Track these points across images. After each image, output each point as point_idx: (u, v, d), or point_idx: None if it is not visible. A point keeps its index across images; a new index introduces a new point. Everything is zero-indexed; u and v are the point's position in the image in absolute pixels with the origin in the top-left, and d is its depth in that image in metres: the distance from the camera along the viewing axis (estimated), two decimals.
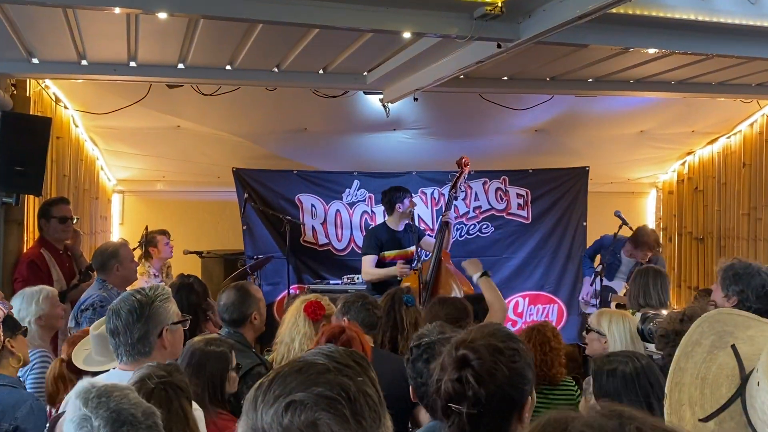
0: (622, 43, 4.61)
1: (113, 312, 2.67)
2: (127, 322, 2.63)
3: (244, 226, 7.55)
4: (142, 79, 5.64)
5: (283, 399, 1.16)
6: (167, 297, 2.76)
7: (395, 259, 6.35)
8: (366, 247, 6.47)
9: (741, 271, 3.49)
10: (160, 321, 2.69)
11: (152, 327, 2.66)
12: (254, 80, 5.81)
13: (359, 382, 1.21)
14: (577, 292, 8.11)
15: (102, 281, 4.73)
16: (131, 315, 2.62)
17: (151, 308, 2.67)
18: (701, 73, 5.94)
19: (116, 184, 8.14)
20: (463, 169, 6.37)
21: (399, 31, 4.06)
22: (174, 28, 4.57)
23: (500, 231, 8.04)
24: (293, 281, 7.44)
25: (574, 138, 8.09)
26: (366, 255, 6.38)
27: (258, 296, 3.93)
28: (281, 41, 4.98)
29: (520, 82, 6.12)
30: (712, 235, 8.42)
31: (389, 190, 6.52)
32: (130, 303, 2.66)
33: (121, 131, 7.02)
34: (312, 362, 1.23)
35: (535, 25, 3.91)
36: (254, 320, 3.84)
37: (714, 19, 4.24)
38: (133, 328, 2.62)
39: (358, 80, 5.95)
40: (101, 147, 7.37)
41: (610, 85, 6.23)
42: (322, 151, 7.80)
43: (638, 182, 9.23)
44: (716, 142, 8.33)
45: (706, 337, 1.54)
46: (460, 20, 3.96)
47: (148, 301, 2.68)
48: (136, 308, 2.64)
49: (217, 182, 7.90)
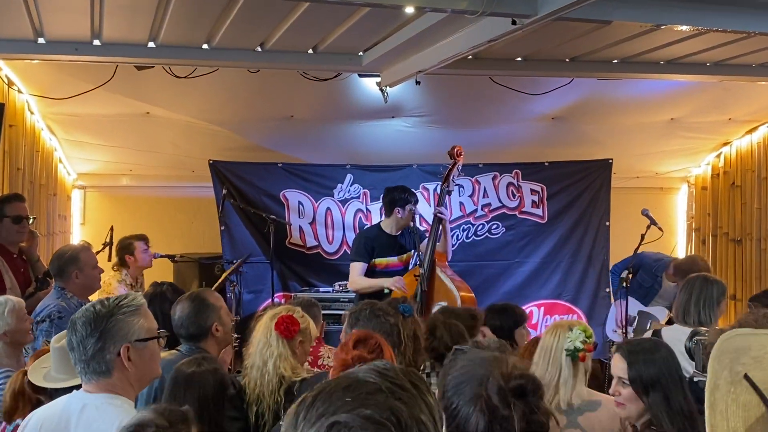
0: (653, 19, 4.57)
1: (71, 324, 2.63)
2: (81, 336, 2.55)
3: (222, 227, 7.54)
4: (108, 59, 5.61)
5: (326, 419, 1.16)
6: (134, 309, 2.64)
7: (388, 267, 6.33)
8: (355, 253, 6.44)
9: None
10: (119, 337, 2.59)
11: (109, 343, 2.56)
12: (235, 61, 5.79)
13: (414, 407, 1.20)
14: (599, 302, 8.13)
15: (60, 289, 4.71)
16: (85, 328, 2.55)
17: (108, 321, 2.57)
18: (740, 54, 5.93)
19: (77, 178, 8.11)
20: (457, 160, 6.40)
21: (400, 6, 4.04)
22: (144, 1, 4.56)
23: (512, 232, 8.05)
24: (278, 288, 7.45)
25: (596, 126, 8.10)
26: (355, 262, 6.35)
27: (218, 304, 3.88)
28: (266, 16, 4.97)
29: (535, 64, 6.11)
30: (751, 237, 8.43)
31: (394, 189, 6.47)
32: (86, 314, 2.59)
33: (82, 119, 7.00)
34: (362, 380, 1.22)
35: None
36: (216, 332, 3.80)
37: None
38: (86, 343, 2.53)
39: (352, 61, 5.94)
40: (60, 136, 7.34)
41: (638, 67, 6.23)
42: (310, 141, 7.80)
43: (667, 177, 9.25)
44: (756, 131, 8.35)
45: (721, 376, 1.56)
46: None
47: (107, 312, 2.58)
48: (92, 320, 2.57)
49: (191, 176, 7.89)
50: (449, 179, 6.42)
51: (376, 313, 3.56)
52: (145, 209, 8.14)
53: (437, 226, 6.29)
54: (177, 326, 3.82)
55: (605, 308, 8.16)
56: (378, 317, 3.54)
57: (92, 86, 6.21)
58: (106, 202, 8.16)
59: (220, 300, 3.96)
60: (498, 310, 4.91)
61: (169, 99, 6.83)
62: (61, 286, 4.71)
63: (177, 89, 6.54)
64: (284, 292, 7.63)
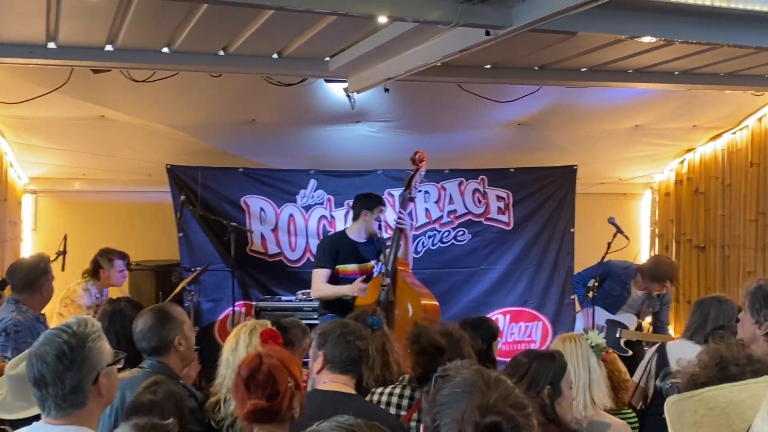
0: (618, 30, 4.61)
1: (37, 357, 2.51)
2: (56, 370, 2.48)
3: (180, 233, 7.43)
4: (63, 63, 5.48)
5: None
6: (99, 334, 2.61)
7: (352, 275, 6.27)
8: (319, 259, 6.36)
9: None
10: (95, 365, 2.55)
11: (86, 373, 2.51)
12: (196, 65, 5.70)
13: None
14: (564, 309, 8.19)
15: (15, 302, 4.59)
16: (60, 361, 2.47)
17: (83, 351, 2.53)
18: (708, 63, 6.01)
19: (28, 182, 7.90)
20: (419, 166, 6.37)
21: (372, 15, 4.00)
22: (104, 4, 4.44)
23: (478, 239, 8.07)
24: (238, 297, 7.35)
25: (562, 133, 8.15)
26: (319, 268, 6.27)
27: (181, 318, 3.78)
28: (230, 21, 4.88)
29: (505, 71, 6.12)
30: (715, 243, 8.55)
31: (365, 197, 6.43)
32: (56, 346, 2.50)
33: (34, 122, 6.82)
34: None
35: (531, 11, 3.89)
36: (178, 346, 3.69)
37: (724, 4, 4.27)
38: (65, 377, 2.47)
39: (319, 66, 5.87)
40: (10, 140, 7.14)
41: (606, 76, 6.28)
42: (273, 145, 7.69)
43: (631, 183, 9.34)
44: (720, 138, 8.46)
45: None
46: (444, 3, 3.92)
47: (79, 342, 2.51)
48: (66, 352, 2.49)
49: (147, 181, 7.75)
50: (411, 186, 6.39)
51: (345, 338, 3.48)
52: (99, 215, 7.95)
53: (398, 234, 6.26)
54: (138, 339, 3.72)
55: (571, 315, 8.23)
56: (348, 343, 3.47)
57: (46, 90, 6.05)
58: (59, 207, 7.95)
59: (183, 315, 3.87)
60: (474, 323, 4.91)
61: (126, 102, 6.69)
62: (17, 299, 4.61)
63: (134, 92, 6.40)
64: (245, 301, 7.54)
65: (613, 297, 6.83)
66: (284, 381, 2.72)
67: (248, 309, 7.48)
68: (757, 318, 3.52)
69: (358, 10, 3.91)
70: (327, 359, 3.46)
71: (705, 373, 2.39)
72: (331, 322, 3.73)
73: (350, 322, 3.71)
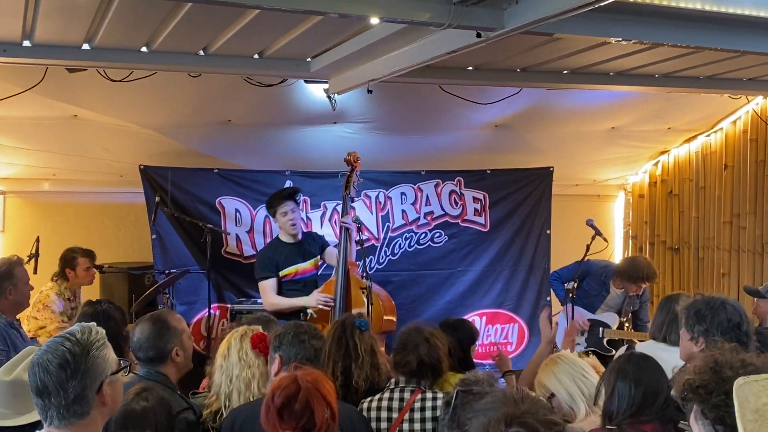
0: (599, 33, 4.58)
1: (40, 366, 2.47)
2: (59, 379, 2.44)
3: (154, 235, 7.31)
4: (39, 62, 5.36)
5: None
6: (103, 342, 2.57)
7: (297, 275, 6.31)
8: (260, 271, 6.37)
9: (703, 309, 3.61)
10: (98, 374, 2.52)
11: (90, 382, 2.48)
12: (175, 65, 5.59)
13: None
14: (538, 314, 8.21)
15: None
16: (63, 370, 2.43)
17: (87, 360, 2.49)
18: (688, 67, 6.07)
19: None
20: (354, 166, 6.47)
21: (364, 16, 3.96)
22: (85, 3, 4.34)
23: (455, 240, 8.07)
24: (213, 299, 7.25)
25: (538, 135, 8.19)
26: (264, 280, 6.29)
27: (179, 327, 3.77)
28: (213, 20, 4.81)
29: (487, 73, 6.11)
30: (689, 245, 8.67)
31: (267, 203, 6.55)
32: (60, 354, 2.47)
33: (4, 122, 6.67)
34: None
35: (524, 13, 3.88)
36: (176, 357, 3.69)
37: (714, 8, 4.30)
38: (68, 386, 2.44)
39: (300, 67, 5.81)
40: None
41: (588, 78, 6.30)
42: (248, 146, 7.62)
43: (605, 184, 9.43)
44: (694, 140, 8.58)
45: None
46: (436, 5, 3.89)
47: (83, 350, 2.48)
48: (70, 361, 2.46)
49: (120, 182, 7.62)
50: (350, 186, 6.46)
51: (299, 338, 3.47)
52: (69, 215, 7.83)
53: (345, 235, 6.29)
54: (135, 349, 3.71)
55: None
56: (302, 342, 3.46)
57: (20, 89, 5.93)
58: (28, 208, 7.79)
59: (182, 322, 3.84)
60: (453, 325, 4.92)
61: (101, 102, 6.57)
62: None
63: (108, 92, 6.29)
64: (219, 303, 7.45)
65: (591, 296, 6.89)
66: (321, 412, 2.60)
67: (223, 312, 7.40)
68: (692, 334, 3.60)
69: (350, 10, 3.86)
70: (283, 360, 3.44)
71: (700, 377, 2.45)
72: (286, 325, 3.70)
73: (304, 323, 3.69)
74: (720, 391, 2.16)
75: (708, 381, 2.42)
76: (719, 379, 2.32)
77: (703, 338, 3.55)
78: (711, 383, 2.40)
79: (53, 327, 5.97)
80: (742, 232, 7.92)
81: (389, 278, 7.63)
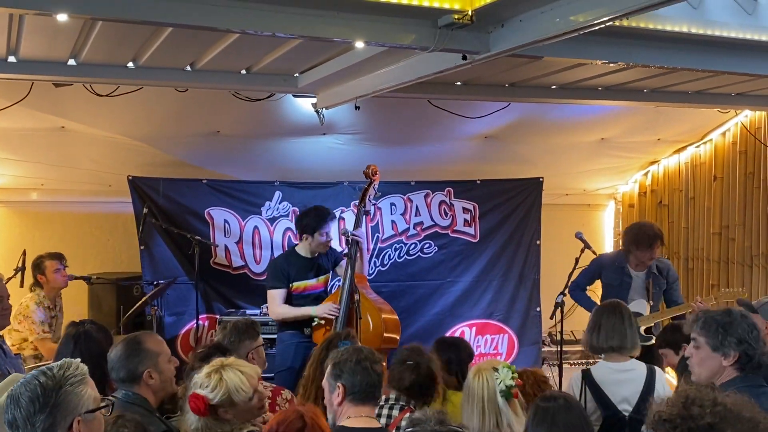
0: (585, 55, 4.62)
1: (12, 399, 2.48)
2: (28, 412, 2.43)
3: (142, 246, 7.29)
4: (24, 77, 5.37)
5: None
6: (81, 378, 2.55)
7: (306, 290, 6.25)
8: (272, 280, 6.29)
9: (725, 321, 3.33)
10: (70, 410, 2.50)
11: (60, 418, 2.46)
12: (162, 80, 5.61)
13: None
14: (529, 321, 8.23)
15: None
16: (33, 404, 2.43)
17: (58, 395, 2.48)
18: (677, 82, 6.09)
19: None
20: (372, 179, 6.40)
21: (347, 40, 3.96)
22: (68, 24, 4.32)
23: (444, 251, 8.06)
24: (202, 310, 7.24)
25: (528, 145, 8.19)
26: (273, 289, 6.21)
27: (155, 350, 3.64)
28: (198, 39, 4.80)
29: (475, 88, 6.12)
30: (679, 256, 8.68)
31: (305, 214, 6.33)
32: (32, 389, 2.47)
33: None
34: None
35: (509, 37, 3.89)
36: (149, 380, 3.57)
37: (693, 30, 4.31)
38: (35, 420, 2.43)
39: (287, 82, 5.82)
40: None
41: (576, 93, 6.32)
42: (237, 157, 7.61)
43: (595, 194, 9.44)
44: (684, 151, 8.59)
45: None
46: (421, 28, 3.90)
47: (55, 385, 2.48)
48: (39, 395, 2.45)
49: (108, 192, 7.61)
50: (365, 199, 6.41)
51: (362, 365, 3.35)
52: (58, 226, 7.81)
53: (354, 248, 6.22)
54: (110, 369, 3.64)
55: (536, 327, 8.29)
56: (365, 370, 3.34)
57: (7, 103, 5.93)
58: (16, 218, 7.77)
59: (160, 345, 3.72)
60: (450, 343, 4.92)
61: (88, 115, 6.57)
62: None
63: (97, 105, 6.30)
64: (208, 314, 7.44)
65: (614, 288, 6.52)
66: None
67: (212, 322, 7.39)
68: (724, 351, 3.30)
69: (335, 34, 3.87)
70: (347, 390, 3.33)
71: (669, 410, 2.47)
72: (347, 350, 3.53)
73: (363, 348, 3.56)
74: (684, 428, 2.18)
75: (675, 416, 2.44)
76: (687, 415, 2.34)
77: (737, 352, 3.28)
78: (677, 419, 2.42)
79: (34, 338, 5.93)
80: (731, 243, 7.93)
81: (379, 289, 7.57)
